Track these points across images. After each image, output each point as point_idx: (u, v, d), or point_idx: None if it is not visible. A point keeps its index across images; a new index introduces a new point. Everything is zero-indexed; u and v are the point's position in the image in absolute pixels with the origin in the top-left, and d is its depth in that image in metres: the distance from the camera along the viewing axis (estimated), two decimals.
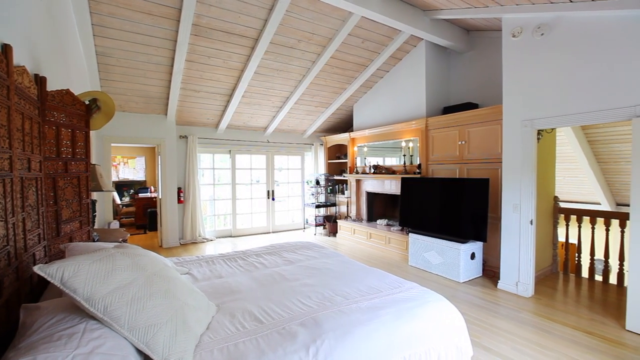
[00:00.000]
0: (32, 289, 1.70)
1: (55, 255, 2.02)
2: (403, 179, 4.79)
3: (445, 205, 4.18)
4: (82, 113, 2.36)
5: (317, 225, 7.02)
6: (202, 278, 2.30)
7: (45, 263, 1.76)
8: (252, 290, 2.05)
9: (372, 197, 6.20)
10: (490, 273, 4.00)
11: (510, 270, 3.51)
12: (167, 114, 5.42)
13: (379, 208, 6.28)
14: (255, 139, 6.75)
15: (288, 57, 4.60)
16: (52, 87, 2.12)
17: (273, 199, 7.05)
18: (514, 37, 3.39)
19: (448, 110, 4.62)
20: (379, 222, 5.72)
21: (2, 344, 1.28)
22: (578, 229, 3.98)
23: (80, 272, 1.19)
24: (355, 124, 6.43)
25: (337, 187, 7.09)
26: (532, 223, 3.36)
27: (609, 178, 6.09)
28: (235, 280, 2.23)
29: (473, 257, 3.90)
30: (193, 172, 5.90)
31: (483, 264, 4.08)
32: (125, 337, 1.17)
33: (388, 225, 5.51)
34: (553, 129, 4.02)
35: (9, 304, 1.40)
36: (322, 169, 7.40)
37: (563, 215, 4.15)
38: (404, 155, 5.14)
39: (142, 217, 7.29)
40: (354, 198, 6.40)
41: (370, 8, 3.58)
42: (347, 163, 6.58)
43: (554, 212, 4.17)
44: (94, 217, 3.13)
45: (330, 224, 6.63)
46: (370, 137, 5.89)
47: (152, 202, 7.40)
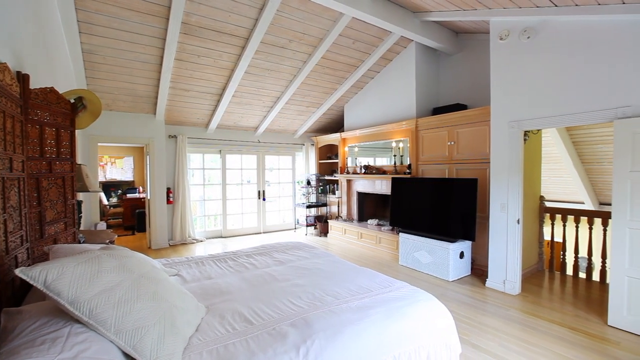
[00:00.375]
0: (14, 293, 1.65)
1: (39, 258, 1.97)
2: (393, 179, 4.83)
3: (435, 205, 4.23)
4: (67, 112, 2.31)
5: (308, 226, 7.02)
6: (191, 279, 2.28)
7: (28, 266, 1.71)
8: (242, 291, 2.04)
9: (362, 197, 6.23)
10: (479, 272, 4.07)
11: (498, 269, 3.57)
12: (155, 113, 5.33)
13: (370, 208, 6.31)
14: (246, 139, 6.71)
15: (279, 56, 4.59)
16: (35, 85, 2.07)
17: (264, 199, 7.02)
18: (502, 39, 3.45)
19: (438, 111, 4.68)
20: (370, 222, 5.75)
21: None
22: (563, 228, 4.08)
23: (65, 274, 1.16)
24: (346, 124, 6.45)
25: (328, 187, 7.10)
26: (519, 222, 3.43)
27: (592, 178, 6.26)
28: (225, 281, 2.21)
29: (462, 256, 3.96)
30: (183, 172, 5.83)
31: (472, 263, 4.14)
32: (112, 340, 1.15)
33: (379, 225, 5.55)
34: (539, 130, 4.11)
35: None
36: (313, 169, 7.40)
37: (549, 215, 4.25)
38: (395, 156, 5.18)
39: (130, 218, 7.16)
40: (345, 198, 6.42)
41: (361, 9, 3.60)
42: (338, 163, 6.60)
43: (540, 211, 4.26)
44: (80, 218, 3.06)
45: (321, 224, 6.63)
46: (361, 137, 5.92)
47: (140, 202, 7.27)
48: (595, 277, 3.86)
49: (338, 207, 6.69)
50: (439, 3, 3.63)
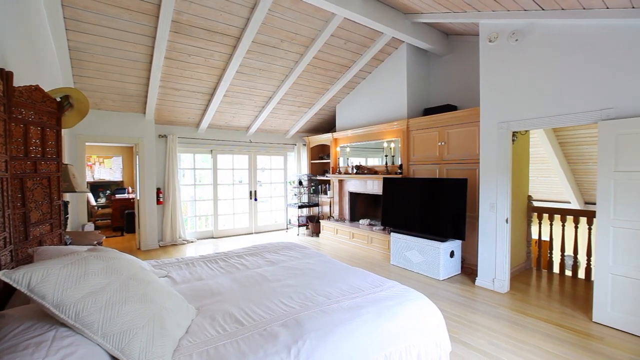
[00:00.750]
0: None
1: (23, 260, 1.92)
2: (385, 179, 4.86)
3: (426, 205, 4.27)
4: (53, 110, 2.26)
5: (300, 226, 7.01)
6: (181, 281, 2.25)
7: (12, 268, 1.67)
8: (233, 292, 2.02)
9: (354, 197, 6.25)
10: (469, 270, 4.12)
11: (487, 268, 3.63)
12: (145, 113, 5.26)
13: (362, 208, 6.34)
14: (238, 139, 6.67)
15: (271, 56, 4.57)
16: (19, 82, 2.02)
17: (255, 200, 6.98)
18: (491, 42, 3.51)
19: (428, 112, 4.73)
20: (362, 222, 5.77)
21: None
22: (550, 227, 4.16)
23: (50, 277, 1.14)
24: (338, 125, 6.47)
25: (320, 187, 7.10)
26: (507, 221, 3.49)
27: (578, 178, 6.41)
28: (216, 282, 2.20)
29: (452, 255, 4.01)
30: (173, 172, 5.76)
31: (462, 262, 4.20)
32: (99, 343, 1.13)
33: (370, 225, 5.57)
34: (527, 131, 4.19)
35: None
36: (305, 169, 7.40)
37: (536, 214, 4.33)
38: (386, 156, 5.21)
39: (119, 218, 7.04)
40: (337, 198, 6.43)
41: (353, 9, 3.61)
42: (330, 163, 6.61)
43: (528, 210, 4.34)
44: (67, 219, 3.00)
45: (313, 224, 6.63)
46: (353, 137, 5.94)
47: (129, 203, 7.16)
48: (581, 274, 3.95)
49: (330, 207, 6.69)
50: (430, 5, 3.66)
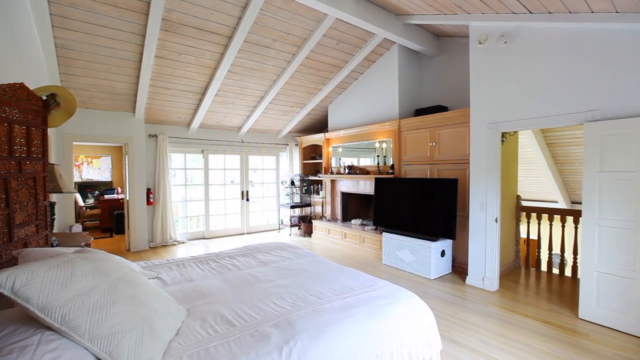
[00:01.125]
0: None
1: (7, 262, 1.87)
2: (377, 179, 4.88)
3: (417, 205, 4.31)
4: (38, 109, 2.21)
5: (292, 226, 7.00)
6: (172, 282, 2.23)
7: None
8: (224, 293, 2.01)
9: (346, 197, 6.26)
10: (459, 269, 4.17)
11: (477, 266, 3.68)
12: (135, 112, 5.18)
13: (354, 208, 6.36)
14: (229, 139, 6.62)
15: (263, 56, 4.55)
16: (3, 80, 1.97)
17: (247, 200, 6.94)
18: (480, 44, 3.56)
19: (420, 113, 4.77)
20: (354, 222, 5.79)
21: None
22: (538, 226, 4.25)
23: (35, 279, 1.11)
24: (330, 125, 6.47)
25: (312, 187, 7.10)
26: (497, 221, 3.55)
27: (565, 178, 6.55)
28: (207, 284, 2.18)
29: (443, 254, 4.05)
30: (163, 172, 5.69)
31: (452, 261, 4.25)
32: (86, 347, 1.11)
33: (362, 225, 5.60)
34: (516, 132, 4.26)
35: None
36: (297, 170, 7.38)
37: (525, 213, 4.41)
38: (378, 156, 5.24)
39: (108, 219, 6.92)
40: (329, 198, 6.44)
41: (345, 10, 3.62)
42: (322, 163, 6.61)
43: (517, 210, 4.42)
44: (53, 220, 2.94)
45: (306, 225, 6.63)
46: (345, 137, 5.96)
47: (119, 203, 7.04)
48: (568, 272, 4.03)
49: (322, 207, 6.70)
50: (421, 6, 3.70)
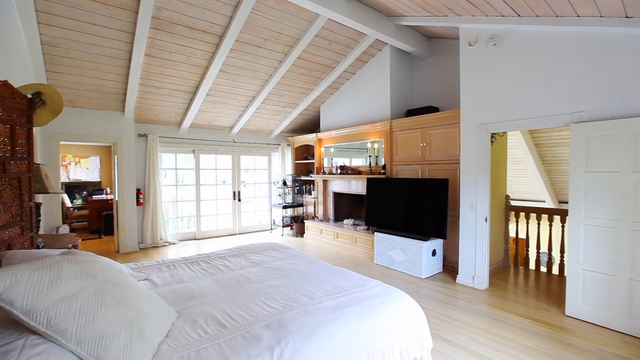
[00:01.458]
0: None
1: None
2: (368, 179, 4.91)
3: (409, 205, 4.34)
4: (23, 107, 2.16)
5: (284, 226, 6.98)
6: (162, 284, 2.20)
7: None
8: (215, 294, 1.99)
9: (338, 197, 6.28)
10: (450, 268, 4.22)
11: (468, 265, 3.73)
12: (124, 111, 5.10)
13: (346, 208, 6.37)
14: (221, 139, 6.57)
15: (254, 55, 4.53)
16: None
17: (239, 200, 6.90)
18: (470, 45, 3.60)
19: (411, 113, 4.81)
20: (346, 222, 5.81)
21: None
22: (526, 225, 4.32)
23: (19, 282, 1.08)
24: (322, 125, 6.48)
25: (304, 187, 7.09)
26: (486, 220, 3.60)
27: (553, 178, 6.68)
28: (198, 285, 2.16)
29: (434, 253, 4.09)
30: (154, 172, 5.61)
31: (443, 260, 4.29)
32: (73, 351, 1.09)
33: (354, 225, 5.61)
34: (505, 133, 4.33)
35: None
36: (289, 170, 7.37)
37: (513, 213, 4.48)
38: (370, 156, 5.27)
39: (96, 220, 6.79)
40: (321, 198, 6.45)
41: (337, 10, 3.63)
42: (314, 163, 6.61)
43: (506, 209, 4.49)
44: (39, 221, 2.87)
45: (298, 225, 6.62)
46: (337, 137, 5.97)
47: (108, 204, 6.92)
48: (555, 270, 4.12)
49: (314, 207, 6.70)
50: (412, 8, 3.73)
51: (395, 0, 3.61)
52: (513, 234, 4.49)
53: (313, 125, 7.42)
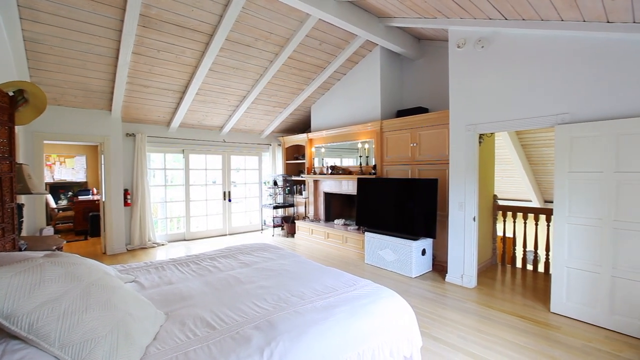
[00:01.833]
0: None
1: None
2: (359, 180, 4.93)
3: (399, 205, 4.38)
4: (4, 105, 2.10)
5: (275, 227, 6.95)
6: (149, 285, 2.16)
7: None
8: (204, 296, 1.97)
9: (329, 197, 6.29)
10: (439, 267, 4.28)
11: (457, 264, 3.78)
12: (111, 110, 5.00)
13: (337, 208, 6.39)
14: (211, 139, 6.51)
15: (245, 55, 4.50)
16: None
17: (229, 200, 6.84)
18: (459, 47, 3.66)
19: (401, 114, 4.85)
20: (337, 222, 5.82)
21: None
22: (513, 224, 4.41)
23: None
24: (313, 125, 6.48)
25: (295, 187, 7.08)
26: (475, 220, 3.65)
27: (539, 178, 6.84)
28: (187, 286, 2.13)
29: (424, 253, 4.13)
30: (142, 172, 5.52)
31: (433, 259, 4.34)
32: (56, 356, 1.06)
33: (345, 225, 5.63)
34: (492, 134, 4.41)
35: None
36: (280, 170, 7.35)
37: (501, 212, 4.57)
38: (360, 156, 5.29)
39: (82, 221, 6.64)
40: (312, 198, 6.45)
41: (327, 11, 3.63)
42: (305, 164, 6.60)
43: (494, 209, 4.57)
44: (21, 223, 2.79)
45: (289, 225, 6.60)
46: (328, 138, 5.98)
47: (94, 205, 6.77)
48: (541, 268, 4.21)
49: (305, 207, 6.69)
50: (402, 10, 3.76)
51: (385, 2, 3.64)
52: (500, 233, 4.58)
53: (304, 126, 7.41)
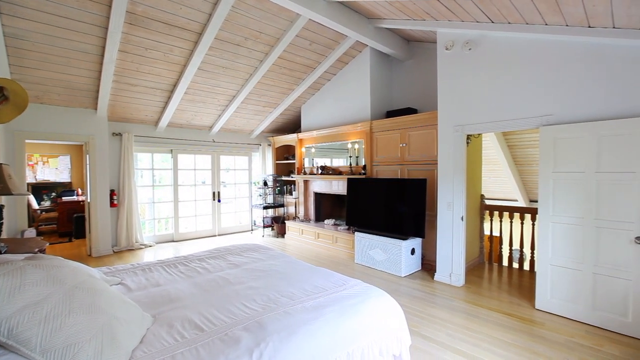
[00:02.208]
0: None
1: None
2: (349, 180, 4.95)
3: (388, 205, 4.41)
4: None
5: (265, 227, 6.92)
6: (136, 288, 2.12)
7: None
8: (193, 297, 1.95)
9: (319, 197, 6.29)
10: (428, 266, 4.33)
11: (445, 263, 3.83)
12: (97, 109, 4.89)
13: (327, 208, 6.40)
14: (200, 139, 6.43)
15: (234, 54, 4.46)
16: None
17: (219, 201, 6.77)
18: (447, 49, 3.71)
19: (391, 114, 4.89)
20: (327, 222, 5.83)
21: None
22: (500, 223, 4.50)
23: None
24: (304, 125, 6.47)
25: (285, 187, 7.06)
26: (462, 219, 3.71)
27: (524, 178, 6.99)
28: (175, 288, 2.10)
29: (413, 252, 4.18)
30: (129, 172, 5.41)
31: (422, 259, 4.39)
32: None
33: (335, 225, 5.64)
34: (480, 134, 4.49)
35: None
36: (270, 170, 7.31)
37: (488, 211, 4.65)
38: (350, 157, 5.31)
39: (66, 223, 6.47)
40: (302, 199, 6.44)
41: (317, 11, 3.63)
42: (295, 164, 6.59)
43: (481, 208, 4.65)
44: (1, 225, 2.71)
45: (279, 225, 6.58)
46: (318, 138, 5.98)
47: (79, 206, 6.61)
48: (527, 266, 4.31)
49: (295, 207, 6.68)
50: (391, 11, 3.79)
51: (375, 3, 3.66)
52: (488, 232, 4.66)
53: (294, 126, 7.40)
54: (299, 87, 5.68)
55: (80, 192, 7.37)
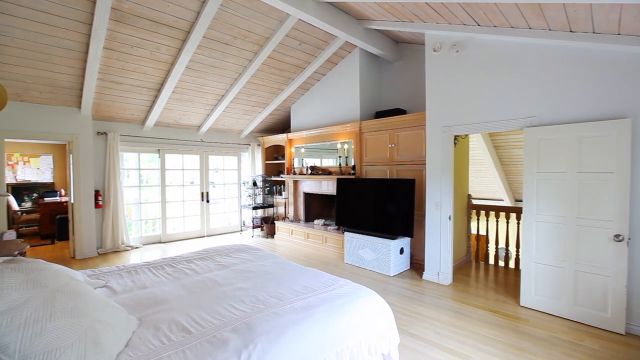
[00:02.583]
0: None
1: None
2: (339, 180, 4.96)
3: (377, 205, 4.45)
4: None
5: (254, 227, 6.88)
6: (122, 290, 2.08)
7: None
8: (180, 299, 1.92)
9: (309, 197, 6.28)
10: (417, 266, 4.38)
11: (433, 262, 3.88)
12: (81, 107, 4.77)
13: (316, 208, 6.40)
14: (188, 138, 6.34)
15: (223, 53, 4.42)
16: None
17: (208, 201, 6.70)
18: (435, 51, 3.76)
19: (380, 115, 4.93)
20: (316, 222, 5.83)
21: None
22: (486, 222, 4.58)
23: None
24: (293, 125, 6.46)
25: (274, 188, 7.03)
26: (450, 218, 3.77)
27: (510, 178, 7.15)
28: (162, 290, 2.07)
29: (402, 252, 4.22)
30: (114, 172, 5.29)
31: (411, 258, 4.44)
32: None
33: (325, 225, 5.65)
34: (467, 135, 4.57)
35: None
36: (259, 170, 7.27)
37: (475, 211, 4.74)
38: (340, 157, 5.33)
39: (48, 225, 6.29)
40: (292, 199, 6.42)
41: (307, 11, 3.63)
42: (284, 164, 6.57)
43: (468, 208, 4.74)
44: None
45: (268, 226, 6.55)
46: (308, 138, 5.98)
47: (62, 207, 6.43)
48: (512, 264, 4.40)
49: (285, 208, 6.66)
50: (381, 13, 3.82)
51: (364, 4, 3.68)
52: (475, 231, 4.74)
53: (283, 126, 7.37)
54: (289, 87, 5.66)
55: (64, 192, 7.17)
